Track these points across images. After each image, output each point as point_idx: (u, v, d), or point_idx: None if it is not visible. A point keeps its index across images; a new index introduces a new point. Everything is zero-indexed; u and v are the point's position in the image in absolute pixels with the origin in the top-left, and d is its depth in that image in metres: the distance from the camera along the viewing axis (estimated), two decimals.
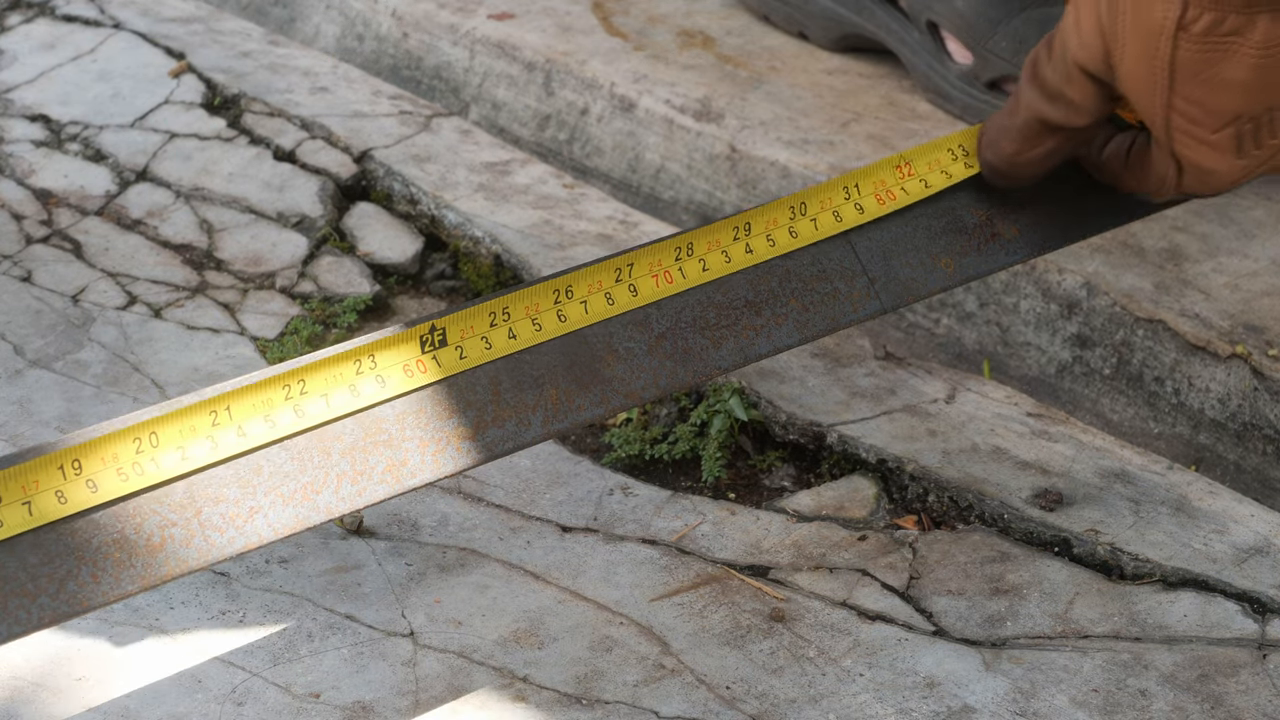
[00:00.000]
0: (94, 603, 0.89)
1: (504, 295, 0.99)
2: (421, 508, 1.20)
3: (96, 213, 1.48)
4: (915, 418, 1.27)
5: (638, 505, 1.21)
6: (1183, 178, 1.03)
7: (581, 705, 1.04)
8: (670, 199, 1.58)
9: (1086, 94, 1.02)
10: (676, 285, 1.02)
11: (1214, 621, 1.10)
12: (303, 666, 1.07)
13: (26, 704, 1.03)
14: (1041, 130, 1.05)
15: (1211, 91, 0.98)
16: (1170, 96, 0.99)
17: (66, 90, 1.63)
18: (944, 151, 1.09)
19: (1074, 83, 1.02)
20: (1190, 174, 1.02)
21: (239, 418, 0.92)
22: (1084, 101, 1.03)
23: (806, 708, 1.04)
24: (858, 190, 1.06)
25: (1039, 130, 1.05)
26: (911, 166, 1.08)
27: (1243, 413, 1.30)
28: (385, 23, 1.77)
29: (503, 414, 0.98)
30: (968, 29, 1.54)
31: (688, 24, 1.71)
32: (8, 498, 0.88)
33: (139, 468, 0.90)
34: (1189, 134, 1.00)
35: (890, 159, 1.08)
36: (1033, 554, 1.16)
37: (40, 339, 1.33)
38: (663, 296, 1.02)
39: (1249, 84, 0.97)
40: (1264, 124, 1.00)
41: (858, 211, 1.06)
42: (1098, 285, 1.36)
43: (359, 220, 1.49)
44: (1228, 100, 0.98)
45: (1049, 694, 1.05)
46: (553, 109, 1.65)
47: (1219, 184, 1.02)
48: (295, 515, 0.93)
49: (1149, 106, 1.00)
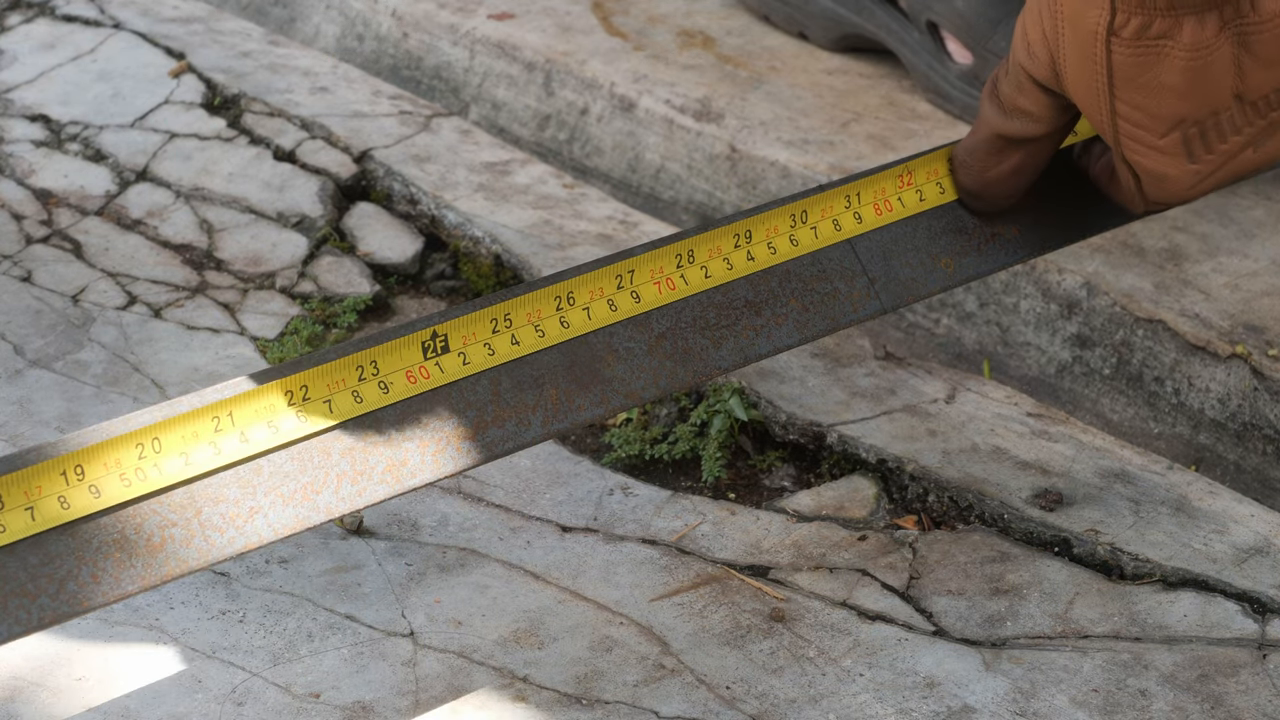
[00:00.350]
0: (94, 603, 0.89)
1: (504, 301, 0.99)
2: (421, 508, 1.20)
3: (96, 213, 1.48)
4: (915, 418, 1.27)
5: (638, 505, 1.21)
6: (1142, 186, 1.02)
7: (581, 705, 1.04)
8: (670, 199, 1.58)
9: (1039, 104, 1.02)
10: (680, 292, 1.02)
11: (1214, 621, 1.10)
12: (303, 666, 1.07)
13: (26, 704, 1.03)
14: (1004, 145, 1.05)
15: (1150, 96, 0.97)
16: (1113, 102, 0.98)
17: (66, 90, 1.63)
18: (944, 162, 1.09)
19: (1026, 94, 1.02)
20: (1147, 181, 1.02)
21: (241, 423, 0.92)
22: (1038, 111, 1.02)
23: (806, 708, 1.04)
24: (858, 199, 1.07)
25: (1001, 145, 1.05)
26: (912, 176, 1.08)
27: (1243, 413, 1.30)
28: (385, 23, 1.77)
29: (503, 414, 0.98)
30: (968, 29, 1.54)
31: (688, 24, 1.71)
32: (10, 503, 0.88)
33: (142, 473, 0.90)
34: (1137, 139, 0.99)
35: (894, 170, 1.08)
36: (1033, 554, 1.16)
37: (40, 339, 1.33)
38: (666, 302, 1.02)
39: (1183, 87, 0.96)
40: (1210, 128, 0.99)
41: (856, 221, 1.06)
42: (1098, 285, 1.36)
43: (359, 220, 1.49)
44: (1167, 104, 0.97)
45: (1049, 694, 1.05)
46: (553, 109, 1.65)
47: (1177, 189, 1.01)
48: (295, 515, 0.93)
49: (1096, 114, 0.99)
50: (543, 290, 1.00)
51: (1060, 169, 1.11)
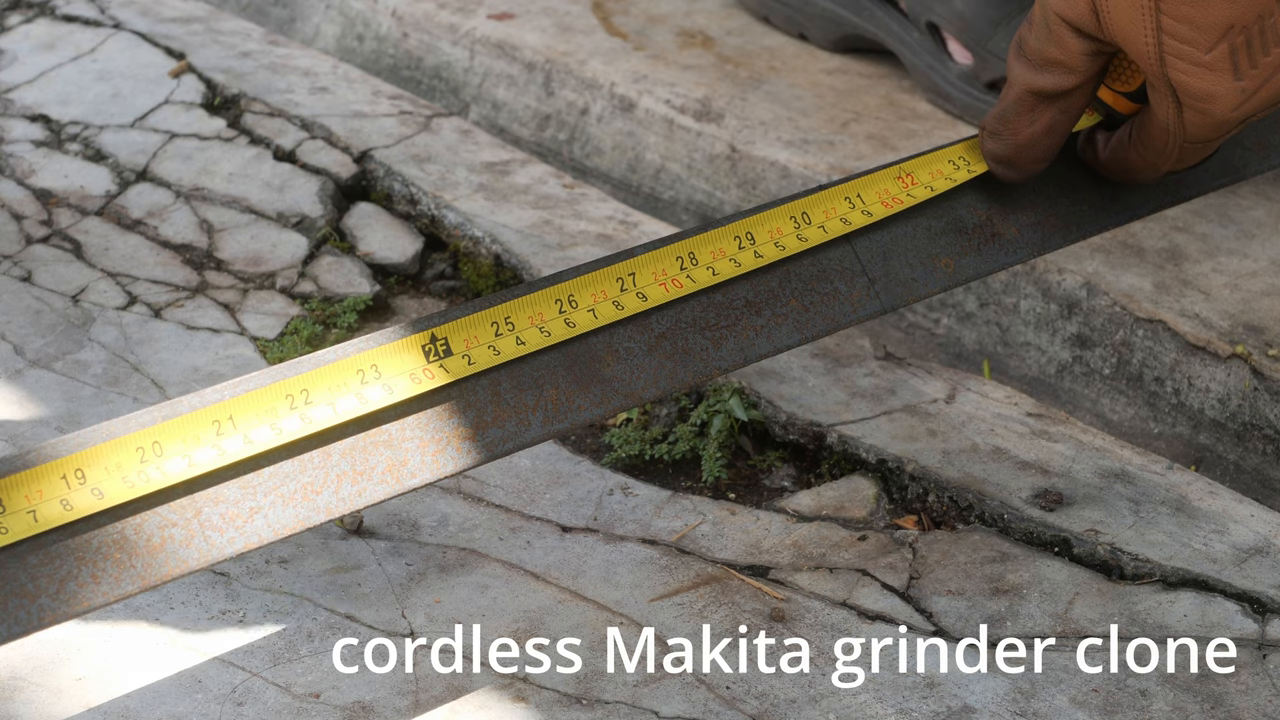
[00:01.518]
0: (94, 603, 0.89)
1: (504, 304, 0.99)
2: (421, 508, 1.20)
3: (96, 213, 1.48)
4: (915, 418, 1.27)
5: (638, 505, 1.21)
6: (1184, 115, 1.02)
7: (581, 705, 1.04)
8: (670, 199, 1.58)
9: (1072, 51, 1.02)
10: (686, 289, 1.02)
11: (1214, 621, 1.10)
12: (303, 666, 1.07)
13: (26, 704, 1.03)
14: (1035, 103, 1.05)
15: (1198, 5, 0.98)
16: (1159, 18, 0.98)
17: (66, 90, 1.63)
18: (945, 162, 1.09)
19: (1059, 41, 1.02)
20: (1190, 108, 1.01)
21: (243, 427, 0.92)
22: (1070, 60, 1.03)
23: (806, 708, 1.04)
24: (861, 200, 1.07)
25: (1032, 103, 1.05)
26: (914, 177, 1.08)
27: (1243, 413, 1.30)
28: (385, 23, 1.77)
29: (503, 414, 0.98)
30: (968, 30, 1.54)
31: (688, 24, 1.71)
32: (11, 506, 0.88)
33: (144, 475, 0.90)
34: (1183, 57, 0.99)
35: (890, 170, 1.08)
36: (1033, 554, 1.16)
37: (40, 339, 1.33)
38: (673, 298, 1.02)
39: None
40: (1255, 36, 0.99)
41: (865, 217, 1.06)
42: (1098, 285, 1.36)
43: (359, 220, 1.49)
44: (1216, 11, 0.98)
45: (1049, 694, 1.05)
46: (553, 109, 1.65)
47: (1221, 111, 1.01)
48: (295, 515, 0.93)
49: (1139, 36, 0.99)
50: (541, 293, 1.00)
51: (1060, 169, 1.11)
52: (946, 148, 1.09)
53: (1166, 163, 1.06)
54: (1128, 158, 1.07)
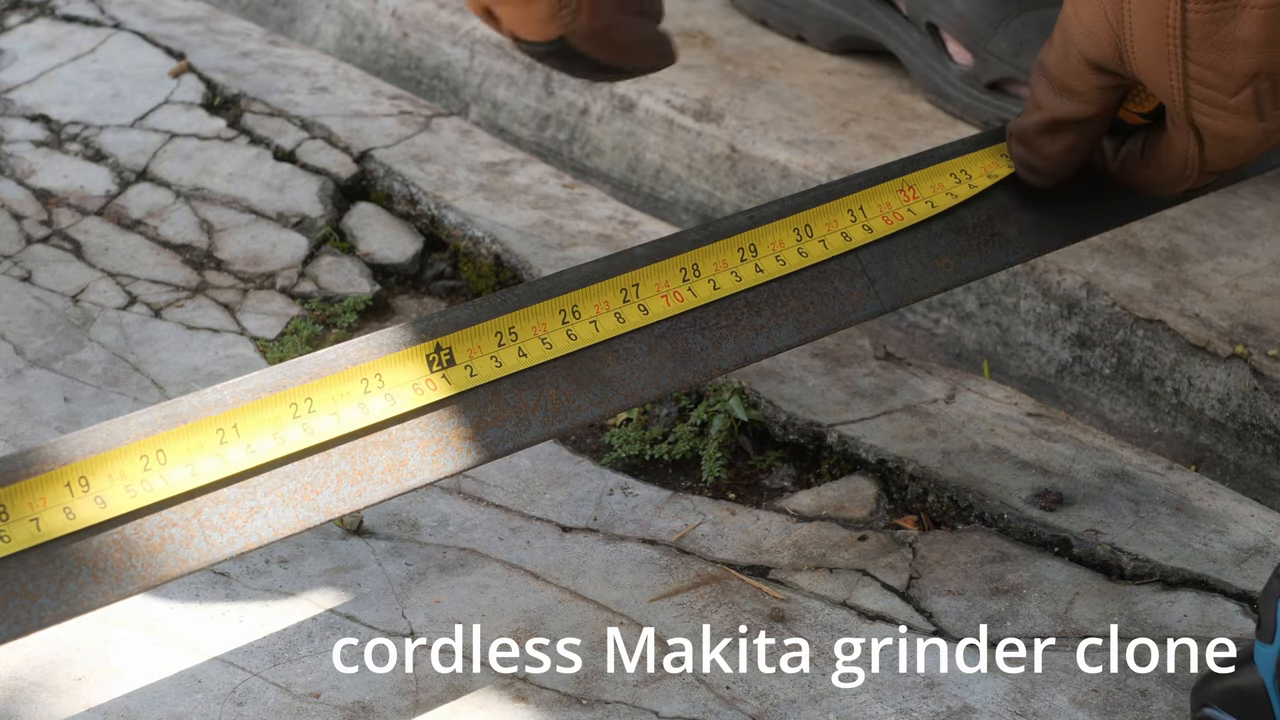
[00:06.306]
0: (94, 603, 0.89)
1: (508, 314, 0.99)
2: (421, 508, 1.20)
3: (96, 213, 1.48)
4: (915, 418, 1.27)
5: (638, 505, 1.21)
6: (1205, 152, 1.03)
7: (581, 705, 1.04)
8: (670, 199, 1.58)
9: (1090, 85, 1.03)
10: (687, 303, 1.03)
11: (1214, 621, 1.10)
12: (303, 666, 1.07)
13: (26, 704, 1.03)
14: (1055, 127, 1.06)
15: (1225, 53, 0.98)
16: (1185, 64, 0.99)
17: (66, 90, 1.63)
18: (947, 175, 1.09)
19: (1078, 75, 1.03)
20: (1212, 146, 1.02)
21: (247, 436, 0.92)
22: (1089, 93, 1.04)
23: (806, 708, 1.04)
24: (863, 213, 1.07)
25: (1053, 127, 1.06)
26: (915, 190, 1.08)
27: (1243, 413, 1.30)
28: (385, 23, 1.77)
29: (503, 414, 0.98)
30: (968, 30, 1.54)
31: (688, 24, 1.71)
32: (15, 514, 0.88)
33: (147, 484, 0.90)
34: (1208, 101, 1.00)
35: (893, 183, 1.08)
36: (1033, 554, 1.16)
37: (40, 339, 1.33)
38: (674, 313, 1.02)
39: (1261, 40, 0.97)
40: None
41: (866, 233, 1.07)
42: (1098, 285, 1.36)
43: (359, 220, 1.49)
44: (1243, 60, 0.98)
45: (1049, 694, 1.05)
46: (552, 109, 1.65)
47: (1243, 151, 1.02)
48: (295, 515, 0.93)
49: (1164, 79, 1.00)
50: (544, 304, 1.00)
51: None
52: (950, 160, 1.10)
53: (1182, 185, 1.07)
54: (1144, 175, 1.08)
